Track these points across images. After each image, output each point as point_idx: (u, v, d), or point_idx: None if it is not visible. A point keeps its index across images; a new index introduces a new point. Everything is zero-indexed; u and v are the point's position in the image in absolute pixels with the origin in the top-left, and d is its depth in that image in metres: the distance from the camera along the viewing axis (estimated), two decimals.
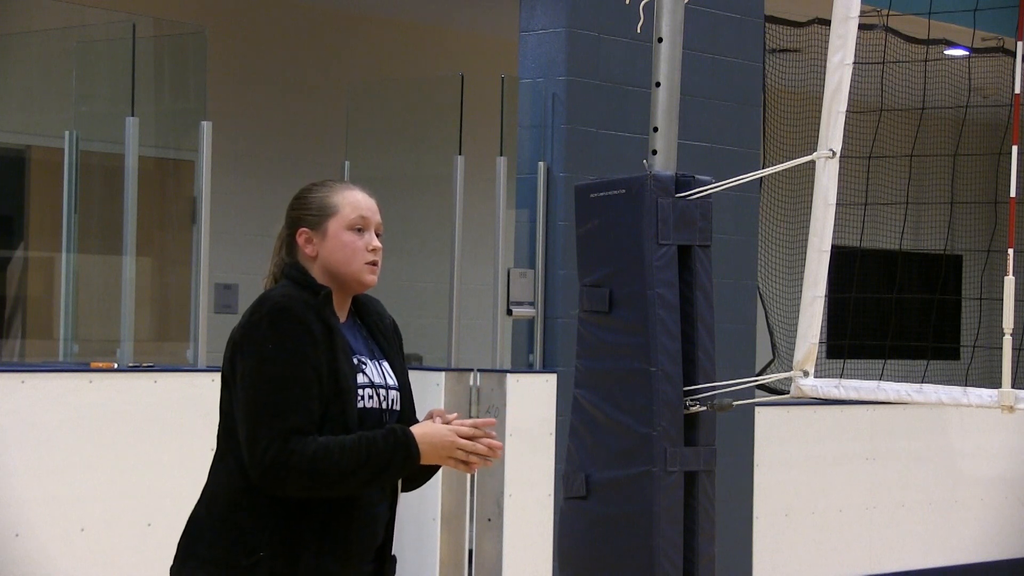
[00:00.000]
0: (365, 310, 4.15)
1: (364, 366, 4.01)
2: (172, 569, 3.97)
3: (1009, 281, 5.11)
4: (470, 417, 8.58)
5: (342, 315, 4.08)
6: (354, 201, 4.09)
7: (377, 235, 4.11)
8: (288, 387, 3.87)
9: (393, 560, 4.12)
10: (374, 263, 4.07)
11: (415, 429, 3.95)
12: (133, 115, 8.05)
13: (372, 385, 4.01)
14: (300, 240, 4.08)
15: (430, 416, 4.03)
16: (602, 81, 8.99)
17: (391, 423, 4.03)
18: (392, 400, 4.06)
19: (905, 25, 10.65)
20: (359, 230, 4.07)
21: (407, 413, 4.10)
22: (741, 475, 9.73)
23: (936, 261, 13.88)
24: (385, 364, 4.09)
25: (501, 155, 9.06)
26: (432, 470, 4.12)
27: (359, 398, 3.97)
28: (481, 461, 3.98)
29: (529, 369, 8.86)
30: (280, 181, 11.43)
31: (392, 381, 4.08)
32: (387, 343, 4.13)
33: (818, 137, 5.15)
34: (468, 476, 8.57)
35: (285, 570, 3.87)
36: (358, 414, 3.95)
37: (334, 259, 4.05)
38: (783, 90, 11.74)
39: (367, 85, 11.25)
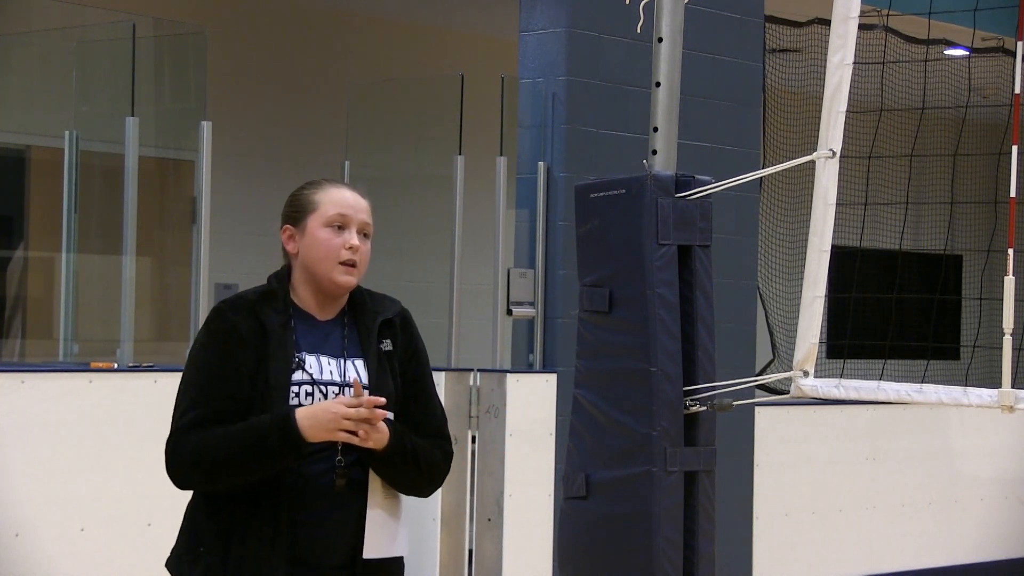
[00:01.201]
0: (363, 311, 4.10)
1: (304, 363, 3.96)
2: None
3: (1009, 281, 5.11)
4: (471, 418, 8.60)
5: (327, 313, 4.06)
6: (335, 198, 4.04)
7: (366, 236, 4.06)
8: (198, 385, 3.93)
9: (387, 566, 4.03)
10: (350, 263, 4.01)
11: (300, 409, 3.90)
12: (133, 115, 8.05)
13: (314, 382, 3.96)
14: (284, 237, 4.07)
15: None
16: (602, 81, 8.99)
17: None
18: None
19: (905, 25, 10.65)
20: (338, 227, 4.02)
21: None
22: (741, 475, 9.73)
23: (936, 261, 13.88)
24: (358, 363, 4.03)
25: (501, 155, 9.06)
26: (425, 474, 4.06)
27: (293, 395, 3.94)
28: (370, 428, 3.88)
29: (529, 369, 8.86)
30: (280, 181, 11.42)
31: (358, 380, 4.01)
32: (368, 343, 4.05)
33: (818, 137, 5.15)
34: (468, 476, 8.57)
35: (216, 566, 3.91)
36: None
37: (310, 257, 4.02)
38: (783, 90, 11.73)
39: (367, 85, 11.25)
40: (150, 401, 7.41)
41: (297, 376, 3.94)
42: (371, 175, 9.97)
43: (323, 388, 3.97)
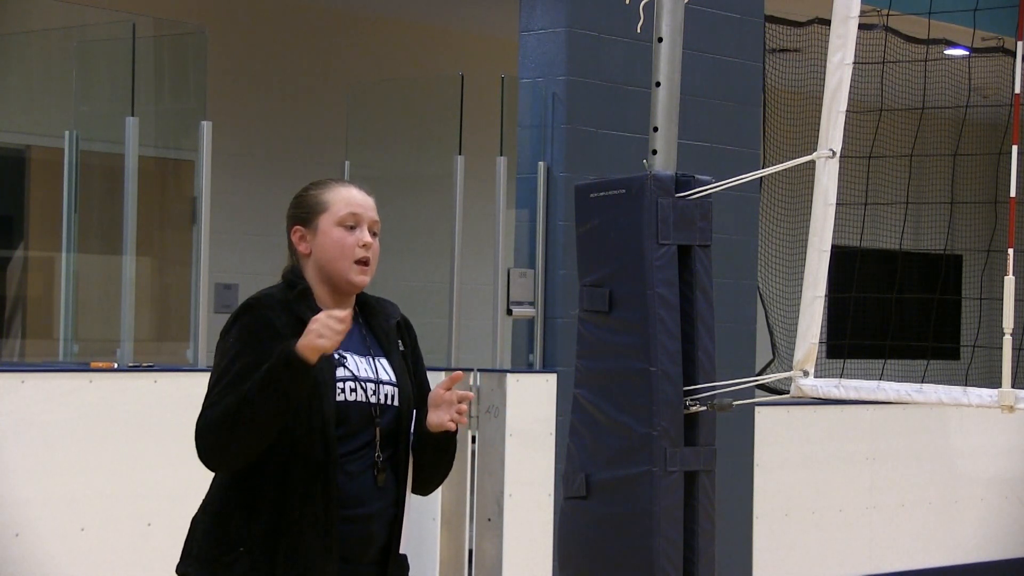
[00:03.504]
0: (372, 312, 4.15)
1: (345, 360, 4.00)
2: (176, 568, 4.06)
3: (1009, 281, 5.11)
4: (470, 418, 8.60)
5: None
6: (345, 197, 4.07)
7: (374, 234, 4.10)
8: (232, 374, 3.90)
9: (402, 562, 4.11)
10: (364, 260, 4.05)
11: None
12: (133, 115, 8.05)
13: (356, 379, 4.00)
14: (295, 238, 4.10)
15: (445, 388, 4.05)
16: (602, 81, 8.99)
17: (387, 418, 4.04)
18: (386, 395, 4.05)
19: (905, 25, 10.65)
20: (350, 227, 4.05)
21: (408, 409, 4.08)
22: (741, 475, 9.73)
23: (936, 261, 13.88)
24: (384, 361, 4.08)
25: (501, 155, 9.06)
26: (443, 470, 4.14)
27: (339, 391, 3.97)
28: (333, 330, 3.85)
29: (529, 369, 8.86)
30: (280, 181, 11.43)
31: (388, 377, 4.07)
32: (388, 342, 4.12)
33: (818, 137, 5.15)
34: (468, 476, 8.57)
35: (264, 566, 3.90)
36: (340, 407, 3.95)
37: (324, 256, 4.05)
38: (783, 90, 11.73)
39: (367, 85, 11.25)
40: (150, 401, 7.41)
41: (341, 373, 3.97)
42: (371, 175, 9.97)
43: (364, 384, 4.01)
